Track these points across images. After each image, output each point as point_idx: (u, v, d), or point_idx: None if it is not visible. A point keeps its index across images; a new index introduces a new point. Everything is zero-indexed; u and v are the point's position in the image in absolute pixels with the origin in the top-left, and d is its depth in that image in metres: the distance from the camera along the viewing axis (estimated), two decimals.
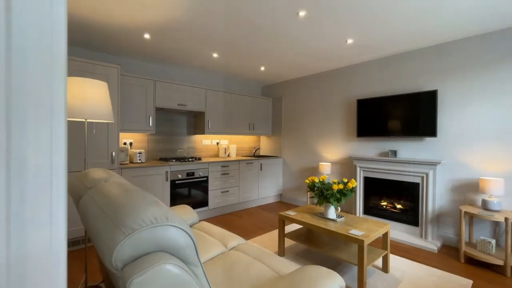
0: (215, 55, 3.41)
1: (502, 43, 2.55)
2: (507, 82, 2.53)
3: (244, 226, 3.45)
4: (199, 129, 4.16)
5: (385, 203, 3.35)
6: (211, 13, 2.31)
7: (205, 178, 3.74)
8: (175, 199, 3.44)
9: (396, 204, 3.26)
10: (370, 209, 3.44)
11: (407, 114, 3.13)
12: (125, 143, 3.54)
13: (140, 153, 3.43)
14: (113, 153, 2.88)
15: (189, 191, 3.58)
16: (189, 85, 3.82)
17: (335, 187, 2.22)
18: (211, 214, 3.86)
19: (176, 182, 3.44)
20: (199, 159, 3.88)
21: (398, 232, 3.15)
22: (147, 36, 2.82)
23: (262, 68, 4.03)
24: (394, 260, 2.49)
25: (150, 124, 3.46)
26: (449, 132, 2.89)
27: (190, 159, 3.68)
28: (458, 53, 2.82)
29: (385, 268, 2.28)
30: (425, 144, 3.08)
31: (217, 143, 4.58)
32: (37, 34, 0.41)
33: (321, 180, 2.41)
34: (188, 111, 3.99)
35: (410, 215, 3.09)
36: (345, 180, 2.43)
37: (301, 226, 3.19)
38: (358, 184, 3.53)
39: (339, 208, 2.39)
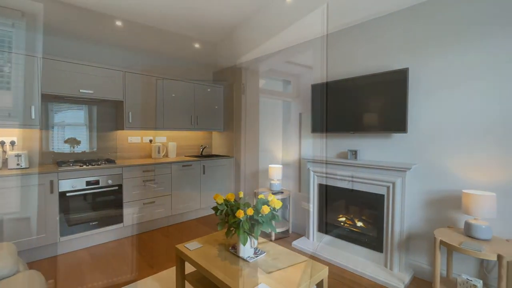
0: (118, 23, 2.53)
1: None
2: (504, 53, 1.76)
3: (159, 251, 2.62)
4: (120, 123, 3.28)
5: (343, 219, 2.58)
6: None
7: (117, 187, 2.88)
8: (69, 219, 2.57)
9: (356, 222, 2.49)
10: (327, 227, 2.67)
11: (370, 102, 2.34)
12: (2, 142, 2.64)
13: (19, 155, 2.54)
14: None
15: (92, 206, 2.71)
16: (96, 65, 2.91)
17: (239, 214, 1.41)
18: (127, 233, 3.01)
19: (68, 194, 2.57)
20: (113, 161, 3.01)
21: (359, 258, 2.38)
22: None
23: (197, 46, 3.17)
24: None
25: (33, 117, 2.56)
26: (423, 126, 2.12)
27: (95, 163, 2.81)
28: (440, 17, 2.03)
29: None
30: (393, 142, 2.30)
31: (150, 141, 3.71)
32: None
33: (226, 200, 1.59)
34: (101, 100, 3.10)
35: (373, 237, 2.33)
36: (270, 198, 1.63)
37: None
38: (311, 194, 2.74)
39: (256, 242, 1.59)
